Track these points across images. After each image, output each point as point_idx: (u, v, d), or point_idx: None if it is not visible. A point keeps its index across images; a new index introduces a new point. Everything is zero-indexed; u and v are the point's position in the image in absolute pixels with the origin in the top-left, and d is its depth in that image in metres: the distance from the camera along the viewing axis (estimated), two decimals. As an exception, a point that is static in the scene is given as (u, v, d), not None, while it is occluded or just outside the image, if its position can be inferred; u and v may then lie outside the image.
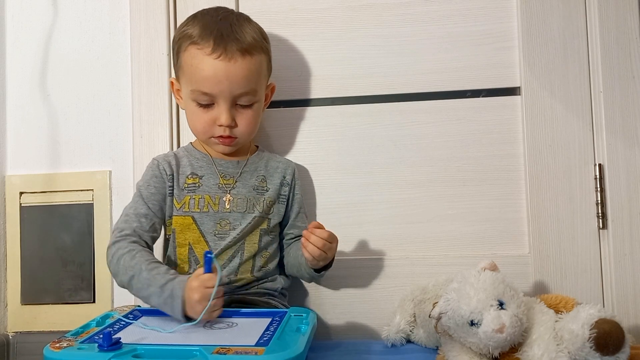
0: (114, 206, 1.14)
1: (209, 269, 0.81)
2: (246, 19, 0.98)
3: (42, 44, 1.18)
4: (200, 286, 0.79)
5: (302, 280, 1.08)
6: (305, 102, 1.13)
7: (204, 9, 0.98)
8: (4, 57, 1.18)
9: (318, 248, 0.89)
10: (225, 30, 0.92)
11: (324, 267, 0.95)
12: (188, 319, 0.80)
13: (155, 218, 0.94)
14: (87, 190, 1.15)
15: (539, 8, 1.07)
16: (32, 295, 1.16)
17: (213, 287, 0.78)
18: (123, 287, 0.88)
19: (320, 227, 0.90)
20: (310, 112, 1.13)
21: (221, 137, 0.95)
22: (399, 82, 1.11)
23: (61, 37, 1.18)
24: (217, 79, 0.91)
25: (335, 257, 0.96)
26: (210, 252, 0.82)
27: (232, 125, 0.94)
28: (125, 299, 1.05)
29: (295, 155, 1.12)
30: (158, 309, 0.84)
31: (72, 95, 1.17)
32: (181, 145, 1.09)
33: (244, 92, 0.93)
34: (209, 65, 0.91)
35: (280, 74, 1.02)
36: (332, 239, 0.91)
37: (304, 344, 0.73)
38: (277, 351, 0.69)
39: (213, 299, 0.78)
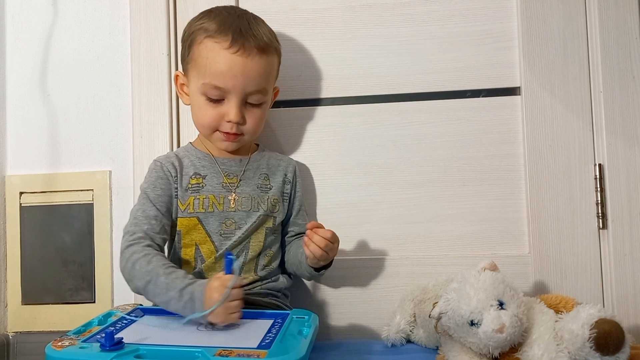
0: (114, 206, 1.14)
1: (230, 270, 0.81)
2: (261, 20, 0.98)
3: (42, 44, 1.17)
4: (221, 286, 0.79)
5: (303, 281, 1.09)
6: (305, 102, 1.13)
7: (218, 7, 0.98)
8: (4, 57, 1.18)
9: (320, 248, 0.89)
10: (244, 27, 0.92)
11: (324, 267, 0.95)
12: (210, 323, 0.79)
13: (165, 220, 0.93)
14: (87, 190, 1.15)
15: (539, 8, 1.07)
16: (32, 295, 1.16)
17: (234, 287, 0.79)
18: (137, 292, 0.86)
19: (320, 226, 0.90)
20: (310, 112, 1.13)
21: (227, 133, 0.95)
22: (399, 82, 1.11)
23: (61, 37, 1.18)
24: (232, 73, 0.91)
25: (336, 257, 0.95)
26: (230, 254, 0.83)
27: (241, 122, 0.94)
28: (126, 298, 1.06)
29: (296, 155, 1.12)
30: (160, 308, 0.84)
31: (72, 95, 1.17)
32: (181, 145, 1.09)
33: (256, 89, 0.93)
34: (225, 58, 0.90)
35: (280, 74, 1.02)
36: (334, 239, 0.91)
37: (306, 348, 0.73)
38: (279, 354, 0.68)
39: (226, 299, 0.77)
